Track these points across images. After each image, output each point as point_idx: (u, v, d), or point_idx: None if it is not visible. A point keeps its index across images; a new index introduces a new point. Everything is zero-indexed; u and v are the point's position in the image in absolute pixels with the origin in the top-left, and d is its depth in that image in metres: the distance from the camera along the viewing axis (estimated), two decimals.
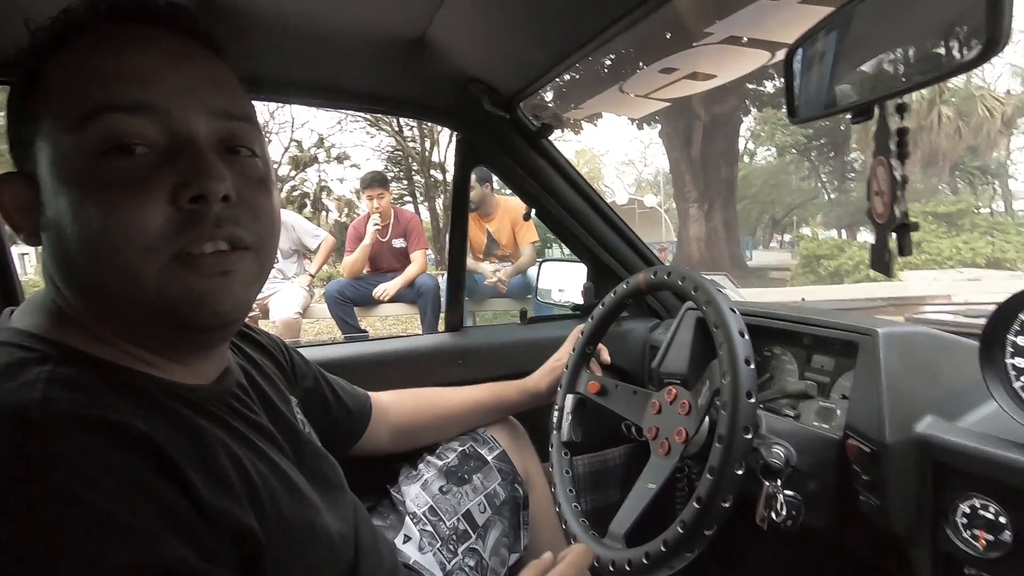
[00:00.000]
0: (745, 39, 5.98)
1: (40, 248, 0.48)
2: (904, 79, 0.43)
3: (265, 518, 0.47)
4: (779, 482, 0.72)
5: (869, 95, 0.46)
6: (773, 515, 0.72)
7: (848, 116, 0.49)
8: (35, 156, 0.45)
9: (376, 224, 3.25)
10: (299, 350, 0.81)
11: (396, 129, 13.06)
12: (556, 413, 0.95)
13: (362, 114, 12.67)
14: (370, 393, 0.92)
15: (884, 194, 0.45)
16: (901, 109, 0.43)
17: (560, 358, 1.07)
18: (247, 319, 0.60)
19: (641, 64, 6.99)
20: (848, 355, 0.82)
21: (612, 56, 8.14)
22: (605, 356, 1.07)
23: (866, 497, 0.72)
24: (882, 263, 0.47)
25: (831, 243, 13.96)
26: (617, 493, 1.34)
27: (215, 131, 0.47)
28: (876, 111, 0.45)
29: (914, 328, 0.79)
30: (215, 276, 0.46)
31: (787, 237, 26.38)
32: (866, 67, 0.47)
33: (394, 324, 4.67)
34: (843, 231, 20.68)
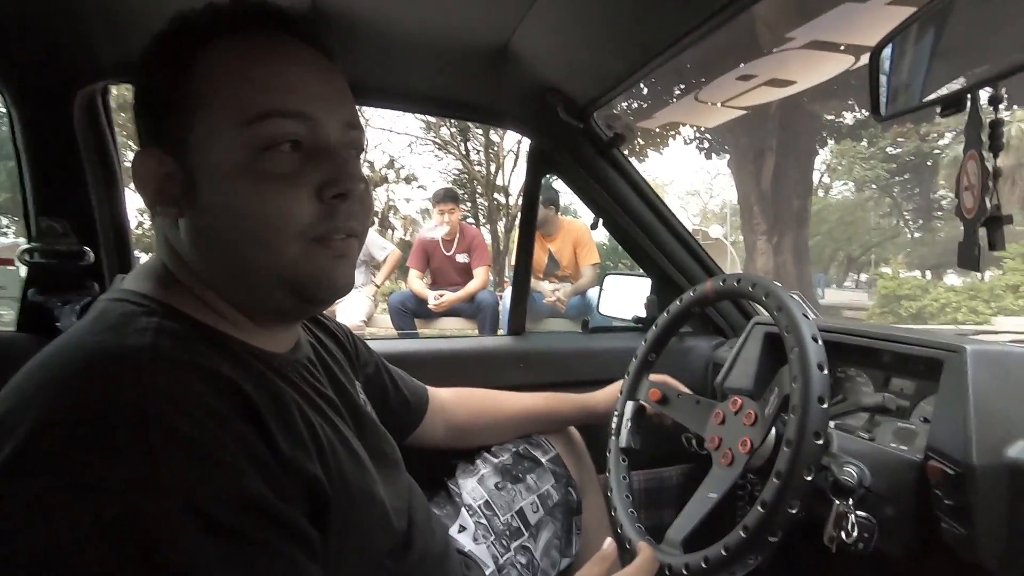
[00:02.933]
0: (828, 43, 5.66)
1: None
2: (999, 65, 0.42)
3: (330, 477, 0.50)
4: (851, 502, 0.69)
5: (960, 86, 0.45)
6: (843, 535, 0.68)
7: (937, 111, 0.48)
8: (185, 140, 0.50)
9: (445, 224, 3.41)
10: (364, 340, 0.86)
11: (463, 152, 13.46)
12: (615, 419, 0.95)
13: (431, 138, 13.17)
14: (430, 388, 0.95)
15: (974, 188, 0.44)
16: (995, 100, 0.42)
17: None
18: None
19: (717, 72, 6.68)
20: (931, 377, 0.78)
21: (687, 65, 7.87)
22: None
23: (949, 524, 0.67)
24: (971, 258, 0.45)
25: (914, 283, 13.03)
26: (672, 514, 1.29)
27: (344, 137, 0.54)
28: (968, 103, 0.44)
29: (1005, 347, 0.74)
30: (338, 258, 0.53)
31: (863, 277, 24.84)
32: (956, 58, 0.46)
33: None
34: (927, 272, 19.27)
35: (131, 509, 0.35)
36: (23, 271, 0.95)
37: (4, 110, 0.90)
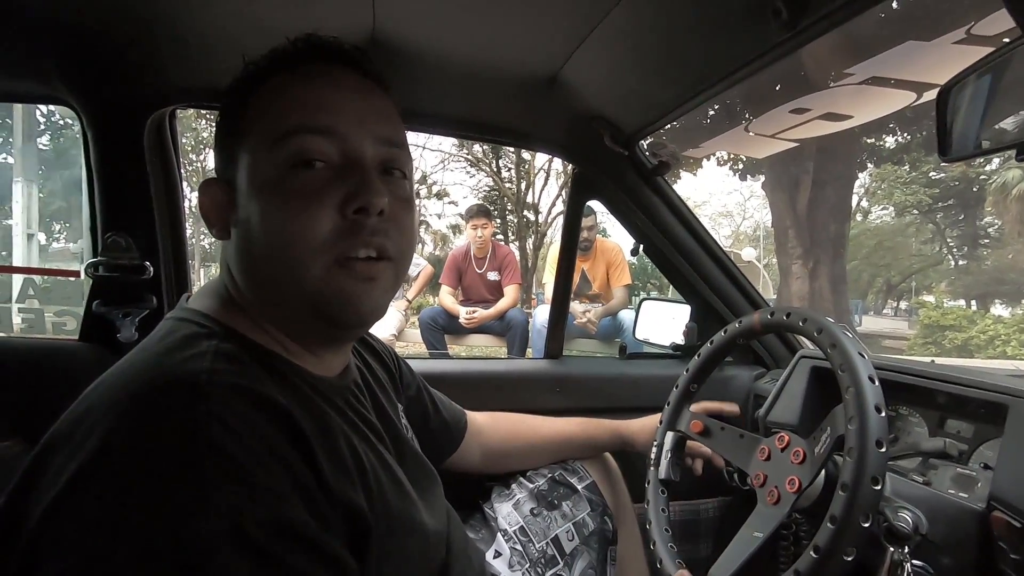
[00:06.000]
0: (889, 79, 5.46)
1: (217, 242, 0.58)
2: None
3: (373, 504, 0.51)
4: (906, 550, 0.66)
5: None
6: None
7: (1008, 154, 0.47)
8: (236, 165, 0.54)
9: (479, 239, 3.44)
10: (407, 361, 0.87)
11: (494, 170, 13.59)
12: (655, 450, 0.93)
13: (463, 155, 13.34)
14: (467, 412, 0.95)
15: None
16: None
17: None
18: None
19: (770, 104, 6.47)
20: (992, 421, 0.75)
21: (738, 96, 7.71)
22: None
23: None
24: None
25: (959, 313, 12.51)
26: (708, 547, 1.27)
27: (378, 155, 0.55)
28: None
29: None
30: (363, 280, 0.52)
31: (903, 304, 23.95)
32: None
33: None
34: (973, 301, 18.46)
35: (178, 528, 0.37)
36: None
37: (60, 127, 0.95)
